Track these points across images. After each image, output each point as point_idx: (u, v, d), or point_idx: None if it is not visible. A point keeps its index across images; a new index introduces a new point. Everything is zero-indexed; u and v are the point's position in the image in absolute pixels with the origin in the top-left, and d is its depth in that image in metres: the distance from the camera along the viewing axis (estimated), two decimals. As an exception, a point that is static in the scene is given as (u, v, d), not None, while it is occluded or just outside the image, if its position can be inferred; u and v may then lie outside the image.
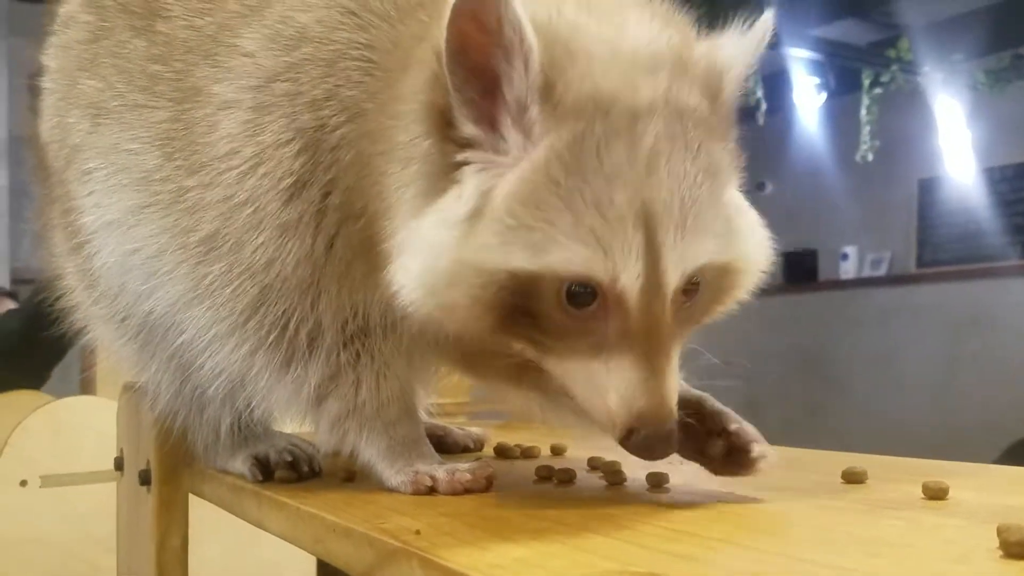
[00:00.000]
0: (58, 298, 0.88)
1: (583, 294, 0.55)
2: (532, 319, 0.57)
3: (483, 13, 0.54)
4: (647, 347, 0.56)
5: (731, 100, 0.61)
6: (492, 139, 0.57)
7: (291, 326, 0.68)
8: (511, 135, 0.56)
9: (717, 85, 0.59)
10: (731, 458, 0.65)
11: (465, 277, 0.56)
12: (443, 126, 0.58)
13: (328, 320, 0.68)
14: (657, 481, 0.67)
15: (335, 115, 0.65)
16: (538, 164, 0.55)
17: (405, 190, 0.60)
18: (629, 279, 0.54)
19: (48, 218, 0.88)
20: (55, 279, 0.89)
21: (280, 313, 0.68)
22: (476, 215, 0.56)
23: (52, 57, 0.84)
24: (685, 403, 0.62)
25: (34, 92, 0.86)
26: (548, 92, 0.55)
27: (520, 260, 0.55)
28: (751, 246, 0.62)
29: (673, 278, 0.56)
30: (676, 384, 0.58)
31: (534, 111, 0.56)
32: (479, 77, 0.56)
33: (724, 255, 0.59)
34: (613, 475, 0.70)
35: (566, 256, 0.54)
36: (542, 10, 0.58)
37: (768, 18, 0.62)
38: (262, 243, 0.67)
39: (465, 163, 0.57)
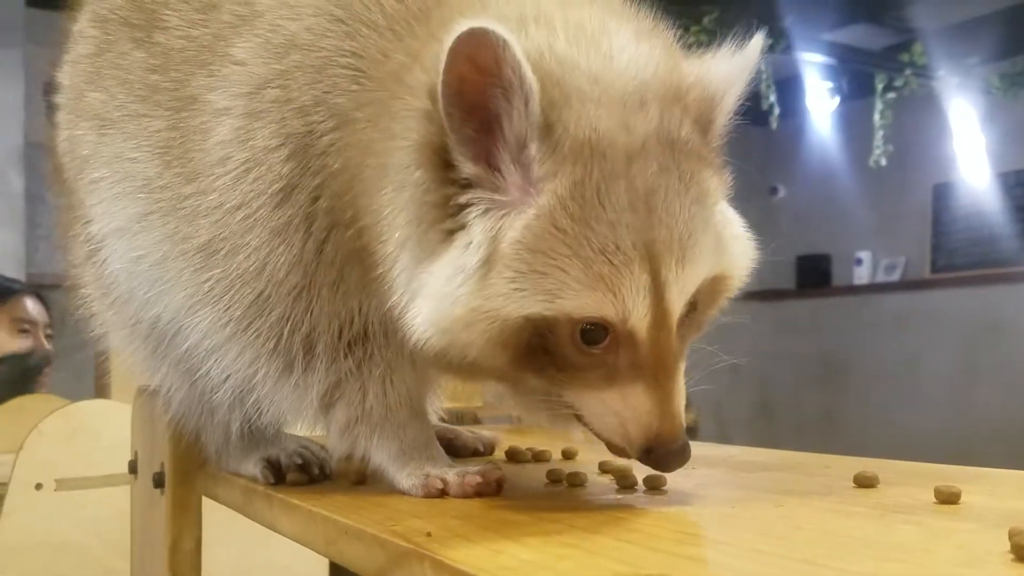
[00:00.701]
0: (79, 307, 0.89)
1: (595, 332, 0.58)
2: (546, 355, 0.60)
3: (481, 55, 0.55)
4: (657, 373, 0.60)
5: (721, 129, 0.63)
6: (491, 177, 0.58)
7: (287, 332, 0.69)
8: (510, 172, 0.58)
9: (709, 116, 0.62)
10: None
11: (481, 322, 0.58)
12: (440, 165, 0.59)
13: (323, 326, 0.69)
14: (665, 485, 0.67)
15: (323, 121, 0.66)
16: (543, 212, 0.57)
17: (399, 215, 0.61)
18: (638, 317, 0.58)
19: (67, 229, 0.89)
20: (76, 288, 0.90)
21: (276, 319, 0.69)
22: (488, 264, 0.57)
23: (64, 74, 0.85)
24: None
25: (51, 108, 0.88)
26: (547, 132, 0.57)
27: (535, 306, 0.57)
28: (737, 255, 0.65)
29: (677, 308, 0.59)
30: (683, 399, 0.61)
31: (533, 149, 0.57)
32: (475, 115, 0.57)
33: (715, 269, 0.62)
34: (623, 479, 0.70)
35: (579, 302, 0.57)
36: (532, 46, 0.58)
37: (760, 38, 0.63)
38: (255, 248, 0.68)
39: (468, 205, 0.59)
